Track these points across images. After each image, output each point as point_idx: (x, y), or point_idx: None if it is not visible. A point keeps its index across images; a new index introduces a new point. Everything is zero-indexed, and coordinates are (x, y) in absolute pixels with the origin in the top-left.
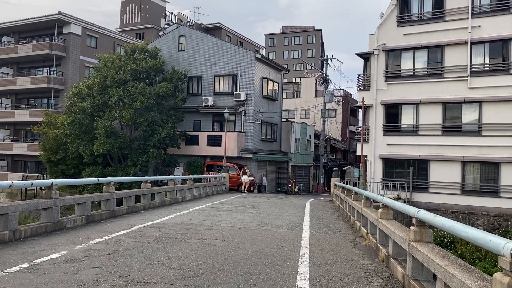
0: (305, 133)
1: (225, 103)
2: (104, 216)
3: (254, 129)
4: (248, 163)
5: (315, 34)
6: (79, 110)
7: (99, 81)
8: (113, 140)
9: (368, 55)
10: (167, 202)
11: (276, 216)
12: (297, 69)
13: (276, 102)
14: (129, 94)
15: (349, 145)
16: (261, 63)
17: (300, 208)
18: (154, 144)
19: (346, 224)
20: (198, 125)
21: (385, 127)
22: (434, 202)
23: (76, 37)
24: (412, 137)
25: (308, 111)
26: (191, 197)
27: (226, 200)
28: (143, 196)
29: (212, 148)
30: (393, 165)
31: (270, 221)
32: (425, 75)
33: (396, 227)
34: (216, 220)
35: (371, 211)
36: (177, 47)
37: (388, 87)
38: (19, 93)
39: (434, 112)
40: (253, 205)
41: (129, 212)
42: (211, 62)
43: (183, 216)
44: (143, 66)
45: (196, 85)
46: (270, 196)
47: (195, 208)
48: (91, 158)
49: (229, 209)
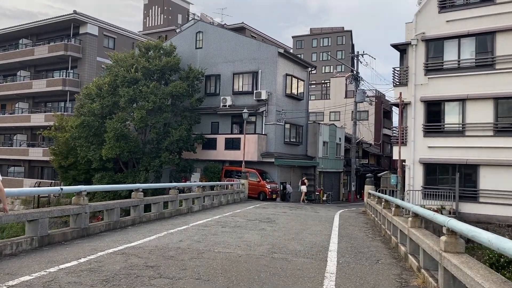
0: (334, 135)
1: (245, 103)
2: (69, 236)
3: (276, 131)
4: (269, 168)
5: (345, 35)
6: (88, 111)
7: (110, 80)
8: (123, 143)
9: (405, 46)
10: (167, 214)
11: (295, 234)
12: (326, 71)
13: (301, 101)
14: (141, 93)
15: (383, 150)
16: (284, 59)
17: (327, 223)
18: (167, 147)
19: (385, 246)
20: (216, 128)
21: (425, 127)
22: (485, 213)
23: (93, 38)
24: (457, 139)
25: (337, 113)
26: (199, 208)
27: (240, 212)
28: (134, 208)
29: (231, 152)
30: (436, 170)
31: (285, 244)
32: (473, 67)
33: (480, 273)
34: (213, 242)
35: (424, 236)
36: (194, 44)
37: (428, 81)
38: (36, 96)
39: (484, 109)
40: (269, 218)
41: (109, 228)
42: (230, 59)
43: (174, 235)
44: (156, 64)
45: (214, 84)
46: (293, 207)
47: (196, 223)
48: (100, 163)
49: (238, 225)
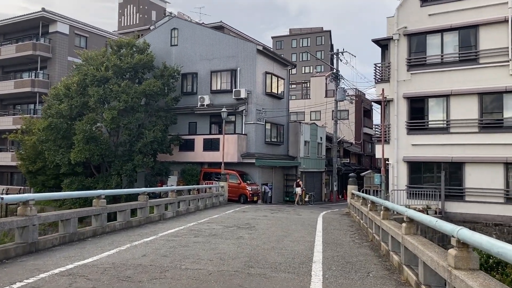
0: (315, 135)
1: (224, 102)
2: (12, 252)
3: (257, 131)
4: (250, 169)
5: (324, 35)
6: (56, 113)
7: (79, 80)
8: (93, 146)
9: (387, 41)
10: (135, 223)
11: (275, 242)
12: (306, 72)
13: (281, 100)
14: (111, 93)
15: (364, 149)
16: (263, 56)
17: (310, 227)
18: (140, 150)
19: (375, 254)
20: (193, 128)
21: (409, 124)
22: (471, 212)
23: (63, 37)
24: (442, 136)
25: (318, 113)
26: (173, 214)
27: (218, 217)
28: (95, 217)
29: (210, 154)
30: (420, 169)
31: (264, 255)
32: (456, 62)
33: None
34: (181, 256)
35: (424, 246)
36: (169, 41)
37: (411, 77)
38: (4, 99)
39: (468, 105)
40: (249, 224)
41: (64, 242)
42: (207, 56)
43: (137, 249)
44: (128, 61)
45: (191, 83)
46: (274, 209)
47: (166, 233)
48: (69, 167)
49: (214, 233)
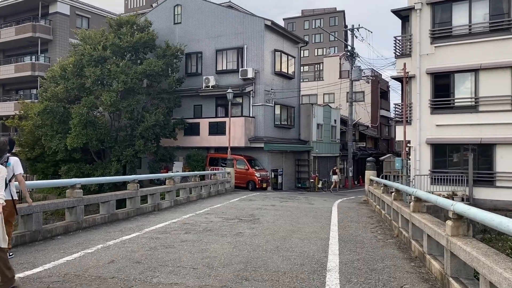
0: (329, 117)
1: (230, 82)
2: None
3: (265, 113)
4: (259, 154)
5: (338, 16)
6: (52, 96)
7: (75, 60)
8: (91, 131)
9: (408, 12)
10: (122, 215)
11: (281, 241)
12: (319, 54)
13: (292, 80)
14: (110, 74)
15: (381, 132)
16: (272, 32)
17: (324, 219)
18: (141, 134)
19: (404, 256)
20: (198, 111)
21: (433, 103)
22: (503, 199)
23: (64, 18)
24: (470, 115)
25: (332, 95)
26: (170, 203)
27: (220, 207)
28: (69, 210)
29: (216, 138)
30: (445, 152)
31: (265, 259)
32: (487, 32)
33: None
34: (159, 262)
35: (488, 258)
36: (172, 19)
37: (435, 51)
38: (6, 83)
39: (500, 80)
40: (253, 215)
41: (24, 241)
42: (213, 34)
43: (108, 251)
44: (128, 40)
45: (195, 63)
46: (284, 197)
47: (154, 228)
48: (67, 153)
49: (209, 227)
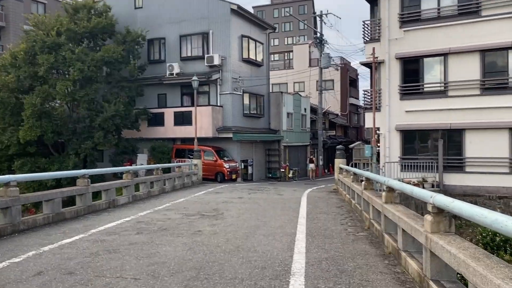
0: (299, 106)
1: (196, 70)
2: None
3: (233, 102)
4: (228, 145)
5: (307, 4)
6: (2, 85)
7: (27, 47)
8: (46, 122)
9: None
10: (69, 214)
11: (243, 239)
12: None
13: (261, 68)
14: (65, 61)
15: (350, 120)
16: (239, 17)
17: (292, 211)
18: (100, 125)
19: (378, 252)
20: (163, 100)
21: (402, 88)
22: (472, 185)
23: (18, 3)
24: (439, 100)
25: (302, 84)
26: (128, 199)
27: (183, 201)
28: (3, 211)
29: (182, 129)
30: (415, 138)
31: (222, 263)
32: (455, 16)
33: None
34: (96, 273)
35: (477, 261)
36: (133, 3)
37: (404, 35)
38: None
39: (469, 64)
40: (217, 209)
41: None
42: (176, 19)
43: (39, 260)
44: (84, 25)
45: (158, 50)
46: (253, 188)
47: (101, 228)
48: (20, 147)
49: (165, 226)
